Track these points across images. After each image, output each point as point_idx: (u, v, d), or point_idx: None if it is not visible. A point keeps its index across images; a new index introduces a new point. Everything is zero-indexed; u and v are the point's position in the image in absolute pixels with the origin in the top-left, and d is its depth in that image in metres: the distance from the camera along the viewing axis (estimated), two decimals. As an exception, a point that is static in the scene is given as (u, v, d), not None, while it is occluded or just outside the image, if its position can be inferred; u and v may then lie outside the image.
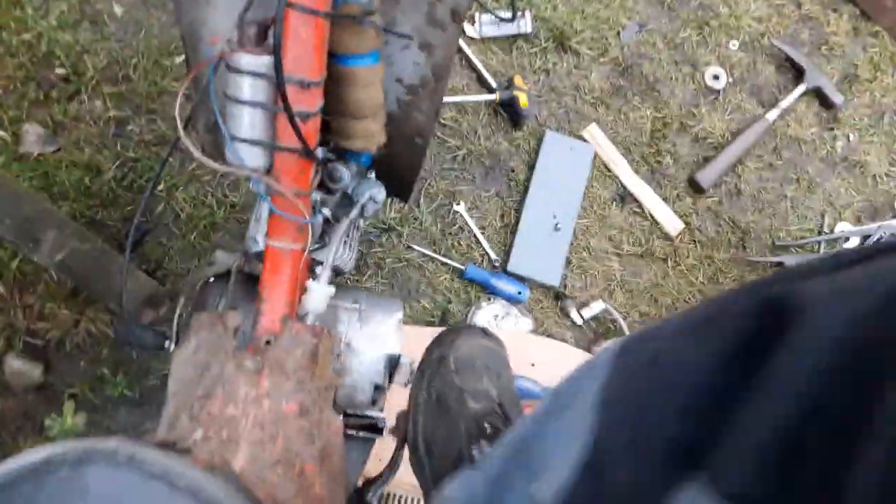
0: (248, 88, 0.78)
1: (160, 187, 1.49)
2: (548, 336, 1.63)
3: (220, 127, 0.83)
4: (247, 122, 0.81)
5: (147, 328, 1.07)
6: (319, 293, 0.91)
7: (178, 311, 1.05)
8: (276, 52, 0.73)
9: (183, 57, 1.55)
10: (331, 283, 0.95)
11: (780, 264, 1.69)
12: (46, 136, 1.48)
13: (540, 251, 1.64)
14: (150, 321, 1.40)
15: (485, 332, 1.00)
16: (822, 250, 1.72)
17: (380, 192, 0.99)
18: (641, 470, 0.43)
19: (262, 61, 0.76)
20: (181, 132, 0.81)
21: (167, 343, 1.07)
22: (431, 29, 0.90)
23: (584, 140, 1.72)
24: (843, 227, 1.76)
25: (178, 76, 1.56)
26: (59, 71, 1.52)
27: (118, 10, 1.59)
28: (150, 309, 1.42)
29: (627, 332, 1.63)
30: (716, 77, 1.81)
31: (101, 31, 1.56)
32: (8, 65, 1.50)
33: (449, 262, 1.60)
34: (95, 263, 1.29)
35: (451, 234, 1.63)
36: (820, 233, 1.75)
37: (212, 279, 1.04)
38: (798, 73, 1.83)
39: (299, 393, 0.89)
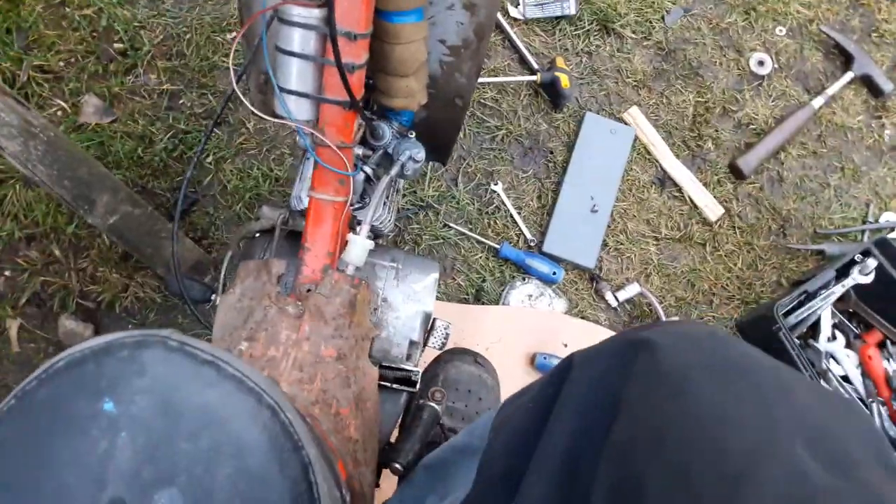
0: (298, 40, 0.81)
1: (208, 159, 1.54)
2: (581, 318, 1.63)
3: (270, 84, 0.86)
4: (295, 74, 0.84)
5: (195, 281, 1.11)
6: (359, 246, 0.93)
7: (224, 264, 1.09)
8: (329, 3, 0.75)
9: (234, 33, 1.61)
10: (370, 239, 0.97)
11: (820, 252, 1.67)
12: (104, 107, 1.55)
13: (576, 232, 1.64)
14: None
15: (476, 360, 1.19)
16: (865, 239, 1.69)
17: (419, 152, 1.02)
18: (490, 496, 0.63)
19: (313, 13, 0.79)
20: (234, 84, 0.84)
21: (213, 296, 1.11)
22: (475, -10, 0.92)
23: (625, 123, 1.73)
24: (888, 216, 1.73)
25: (228, 51, 1.61)
26: (118, 45, 1.59)
27: (174, -12, 1.65)
28: (196, 275, 1.46)
29: (663, 316, 1.63)
30: (761, 63, 1.80)
31: (157, 7, 1.63)
32: (70, 38, 1.57)
33: (485, 240, 1.62)
34: (145, 228, 1.34)
35: (487, 213, 1.64)
36: (864, 222, 1.72)
37: (258, 234, 1.07)
38: (846, 60, 1.81)
39: (338, 339, 0.91)
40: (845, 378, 1.55)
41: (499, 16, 1.74)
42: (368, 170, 1.01)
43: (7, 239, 1.46)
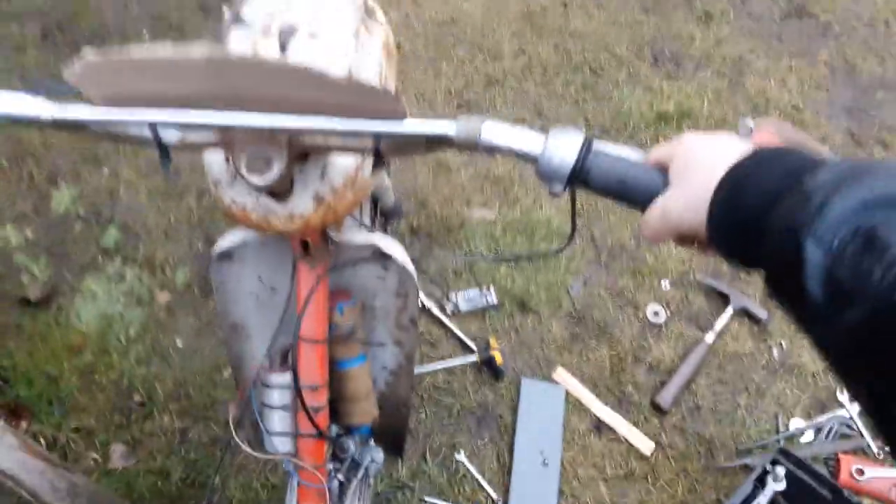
0: (277, 396, 1.17)
1: (216, 479, 1.84)
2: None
3: (259, 426, 1.21)
4: (277, 420, 1.18)
5: None
6: (336, 549, 1.21)
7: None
8: (294, 370, 1.12)
9: (229, 372, 2.00)
10: (347, 535, 1.25)
11: (746, 466, 1.93)
12: (127, 452, 1.88)
13: (534, 487, 1.91)
14: None
15: None
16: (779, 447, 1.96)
17: (378, 454, 1.34)
18: None
19: (285, 377, 1.16)
20: (235, 435, 1.19)
21: None
22: (399, 331, 1.32)
23: (556, 382, 2.08)
24: (796, 423, 2.03)
25: (227, 386, 2.00)
26: (137, 398, 1.97)
27: (180, 343, 2.09)
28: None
29: (627, 547, 1.83)
30: (656, 313, 2.22)
31: (167, 361, 2.04)
32: (99, 400, 1.95)
33: (458, 507, 1.88)
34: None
35: (456, 481, 1.92)
36: (777, 431, 2.01)
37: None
38: (724, 299, 2.23)
39: None
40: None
41: (439, 312, 2.17)
42: (341, 478, 1.33)
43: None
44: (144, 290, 2.19)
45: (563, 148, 0.67)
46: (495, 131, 0.70)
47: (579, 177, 0.67)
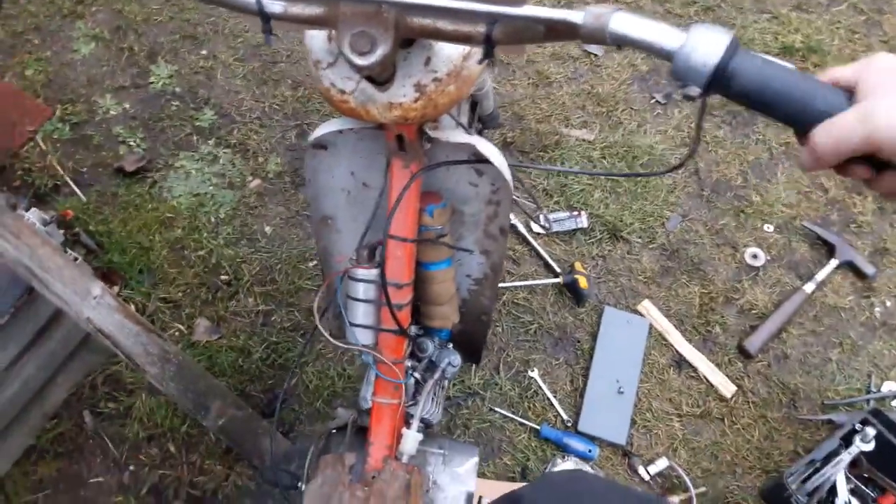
0: (362, 290, 1.16)
1: (294, 365, 1.89)
2: (619, 490, 1.82)
3: (343, 317, 1.20)
4: (361, 313, 1.18)
5: (284, 471, 1.40)
6: (411, 439, 1.21)
7: (308, 457, 1.38)
8: (382, 266, 1.10)
9: (315, 262, 2.02)
10: (420, 432, 1.25)
11: (830, 422, 1.84)
12: (212, 327, 1.94)
13: (607, 412, 1.88)
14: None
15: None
16: (870, 408, 1.86)
17: (456, 359, 1.33)
18: None
19: (372, 273, 1.14)
20: (318, 322, 1.19)
21: (300, 483, 1.39)
22: (488, 240, 1.27)
23: (640, 314, 2.01)
24: (890, 386, 1.91)
25: (311, 276, 2.02)
26: (224, 277, 2.02)
27: (268, 229, 2.11)
28: (285, 464, 1.75)
29: (692, 488, 1.80)
30: (755, 256, 2.09)
31: (254, 245, 2.07)
32: (188, 274, 2.01)
33: (526, 422, 1.87)
34: (246, 427, 1.66)
35: (527, 397, 1.91)
36: (868, 392, 1.91)
37: (334, 431, 1.37)
38: (830, 250, 2.09)
39: (398, 517, 1.17)
40: (868, 541, 1.66)
41: (524, 230, 2.12)
42: (417, 376, 1.32)
43: (133, 439, 1.80)
44: (236, 174, 2.21)
45: (706, 44, 0.59)
46: (627, 22, 0.63)
47: (722, 79, 0.59)
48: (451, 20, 0.73)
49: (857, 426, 1.69)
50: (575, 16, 0.65)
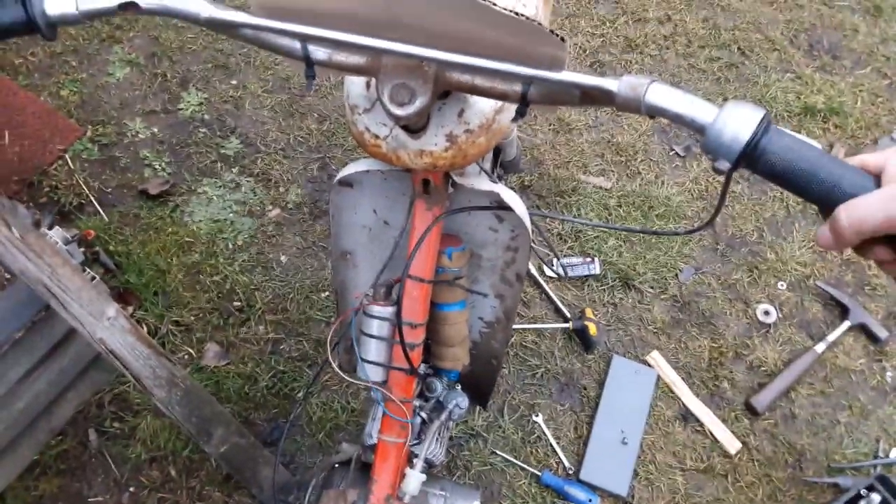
0: (376, 327, 1.17)
1: (300, 395, 1.90)
2: (619, 542, 1.80)
3: (354, 351, 1.22)
4: (373, 349, 1.19)
5: (283, 502, 1.40)
6: (414, 479, 1.21)
7: (310, 489, 1.38)
8: (398, 305, 1.12)
9: (327, 293, 2.04)
10: (423, 472, 1.25)
11: (835, 486, 1.82)
12: (221, 352, 1.96)
13: (609, 462, 1.87)
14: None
15: None
16: (877, 473, 1.84)
17: (464, 400, 1.33)
18: None
19: (387, 311, 1.16)
20: (329, 355, 1.20)
21: (299, 516, 1.39)
22: (503, 285, 1.29)
23: (648, 365, 2.01)
24: (899, 452, 1.89)
25: (322, 307, 2.04)
26: (237, 303, 2.04)
27: (283, 258, 2.14)
28: (283, 495, 1.75)
29: (694, 543, 1.78)
30: (766, 313, 2.09)
31: (269, 273, 2.10)
32: (201, 299, 2.03)
33: (527, 468, 1.86)
34: (248, 455, 1.66)
35: (529, 442, 1.90)
36: (875, 457, 1.88)
37: (337, 465, 1.38)
38: (843, 311, 2.08)
39: (396, 557, 1.17)
40: None
41: (536, 274, 2.13)
42: (424, 415, 1.33)
43: (135, 460, 1.81)
44: (257, 203, 2.24)
45: (738, 121, 0.61)
46: (662, 93, 0.65)
47: (752, 156, 0.60)
48: (489, 78, 0.75)
49: (863, 492, 1.67)
50: (611, 84, 0.67)
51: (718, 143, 0.61)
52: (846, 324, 2.04)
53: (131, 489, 1.79)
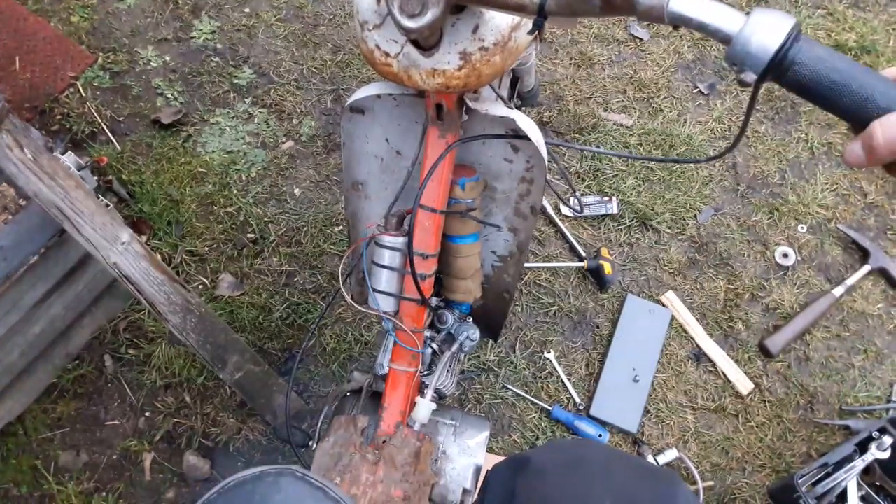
0: (387, 257, 1.16)
1: (313, 326, 1.91)
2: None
3: (366, 282, 1.21)
4: (384, 280, 1.18)
5: (297, 428, 1.42)
6: (424, 407, 1.22)
7: (321, 417, 1.40)
8: (409, 235, 1.10)
9: (340, 227, 2.03)
10: (434, 402, 1.26)
11: (846, 428, 1.82)
12: (235, 283, 1.97)
13: (620, 399, 1.88)
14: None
15: None
16: (889, 416, 1.83)
17: (475, 333, 1.33)
18: None
19: (399, 241, 1.14)
20: (341, 285, 1.20)
21: (311, 442, 1.41)
22: (517, 218, 1.27)
23: (663, 304, 2.00)
24: (913, 396, 1.88)
25: (336, 241, 2.03)
26: (250, 235, 2.04)
27: (297, 191, 2.12)
28: (296, 422, 1.78)
29: (700, 480, 1.79)
30: (785, 255, 2.06)
31: (282, 206, 2.09)
32: (215, 230, 2.03)
33: (538, 402, 1.87)
34: (262, 383, 1.68)
35: (541, 377, 1.91)
36: (888, 401, 1.88)
37: (348, 393, 1.39)
38: (864, 255, 2.04)
39: (405, 483, 1.19)
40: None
41: (552, 212, 2.10)
42: (435, 346, 1.33)
43: (150, 386, 1.84)
44: (270, 134, 2.21)
45: (767, 29, 0.57)
46: (687, 0, 0.61)
47: (781, 66, 0.57)
48: (505, -13, 0.71)
49: (875, 434, 1.66)
50: None
51: (745, 53, 0.58)
52: (866, 268, 2.01)
53: (147, 414, 1.83)
